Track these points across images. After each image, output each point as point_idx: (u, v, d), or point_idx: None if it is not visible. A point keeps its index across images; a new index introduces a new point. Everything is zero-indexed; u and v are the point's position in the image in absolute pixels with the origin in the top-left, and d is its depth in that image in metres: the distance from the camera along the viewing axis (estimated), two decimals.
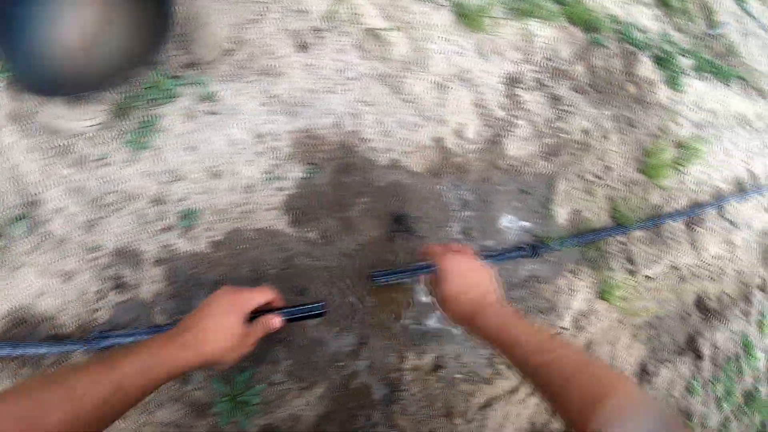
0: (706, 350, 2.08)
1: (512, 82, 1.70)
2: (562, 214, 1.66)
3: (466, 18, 1.65)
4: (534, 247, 1.50)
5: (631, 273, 1.83)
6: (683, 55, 2.24)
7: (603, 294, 1.68)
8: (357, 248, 1.36)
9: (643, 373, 1.88)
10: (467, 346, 1.42)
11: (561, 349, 0.79)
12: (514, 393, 1.52)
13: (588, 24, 1.95)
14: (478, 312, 0.90)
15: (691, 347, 2.09)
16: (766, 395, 2.57)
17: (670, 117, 2.02)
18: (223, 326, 0.85)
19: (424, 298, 1.42)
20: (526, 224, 1.58)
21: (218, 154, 1.37)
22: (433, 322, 1.41)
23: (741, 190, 2.34)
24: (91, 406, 0.63)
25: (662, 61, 2.06)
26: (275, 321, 0.97)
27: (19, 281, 1.26)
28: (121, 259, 1.31)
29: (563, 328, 1.60)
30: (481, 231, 1.48)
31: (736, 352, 2.36)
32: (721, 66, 2.44)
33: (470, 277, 0.98)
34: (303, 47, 1.51)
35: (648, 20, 2.34)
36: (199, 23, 1.49)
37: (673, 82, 2.07)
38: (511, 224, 1.54)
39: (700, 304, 2.19)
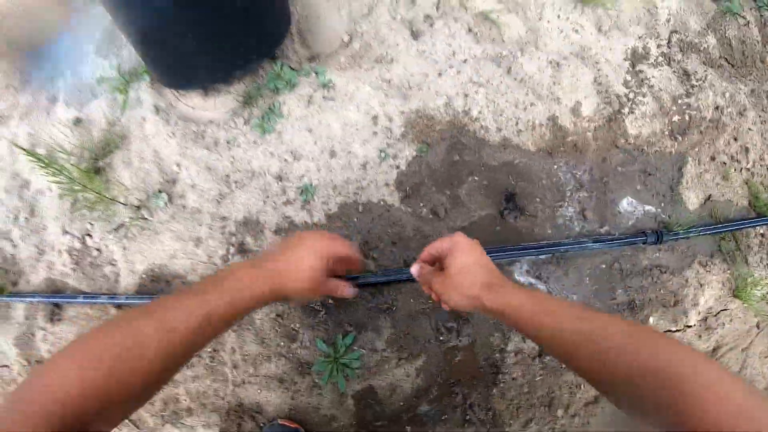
0: None
1: (636, 57, 1.55)
2: (691, 199, 1.47)
3: None
4: (658, 234, 1.34)
5: None
6: None
7: (738, 292, 1.46)
8: (467, 225, 1.31)
9: None
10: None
11: (600, 317, 0.67)
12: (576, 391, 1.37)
13: None
14: (495, 283, 0.81)
15: None
16: None
17: None
18: (306, 265, 0.84)
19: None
20: (650, 208, 1.42)
21: (335, 135, 1.39)
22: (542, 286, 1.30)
23: None
24: (184, 337, 0.65)
25: None
26: (347, 290, 0.98)
27: (157, 245, 1.36)
28: (245, 228, 1.37)
29: (687, 326, 1.41)
30: (597, 213, 1.36)
31: None
32: None
33: (475, 260, 0.88)
34: (415, 35, 1.49)
35: None
36: (316, 18, 1.53)
37: None
38: (632, 207, 1.39)
39: None
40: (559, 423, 1.41)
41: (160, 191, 1.46)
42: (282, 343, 1.35)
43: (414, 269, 0.97)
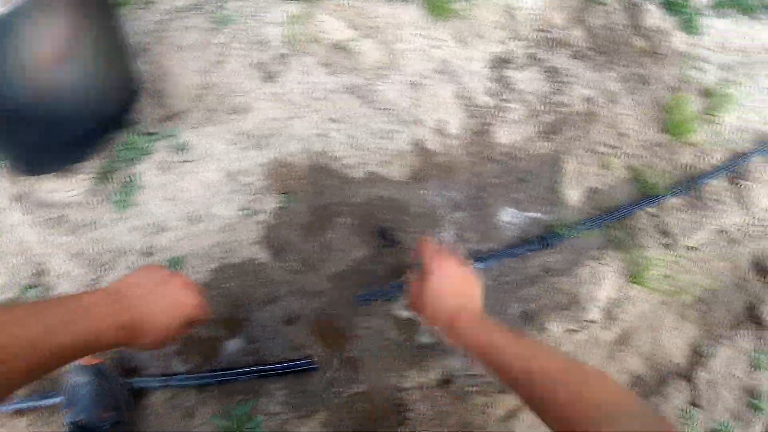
0: None
1: (500, 63, 1.48)
2: (574, 196, 1.42)
3: (437, 8, 1.47)
4: (544, 239, 1.27)
5: (669, 247, 1.54)
6: None
7: (635, 277, 1.41)
8: (344, 269, 1.22)
9: (696, 356, 1.57)
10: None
11: (543, 354, 0.74)
12: None
13: None
14: (460, 316, 0.83)
15: (752, 317, 1.73)
16: None
17: (691, 64, 1.69)
18: (166, 327, 0.75)
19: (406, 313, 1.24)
20: (533, 215, 1.37)
21: (196, 199, 1.30)
22: (426, 338, 1.23)
23: None
24: (20, 372, 0.54)
25: (672, 5, 1.73)
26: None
27: None
28: None
29: (590, 322, 1.35)
30: (477, 231, 1.29)
31: None
32: None
33: (457, 283, 0.90)
34: (269, 77, 1.40)
35: None
36: (167, 76, 1.42)
37: (689, 26, 1.73)
38: (513, 218, 1.33)
39: (759, 267, 1.82)
40: None
41: (30, 286, 1.33)
42: (180, 425, 1.25)
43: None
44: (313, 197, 1.28)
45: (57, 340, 0.57)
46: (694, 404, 1.60)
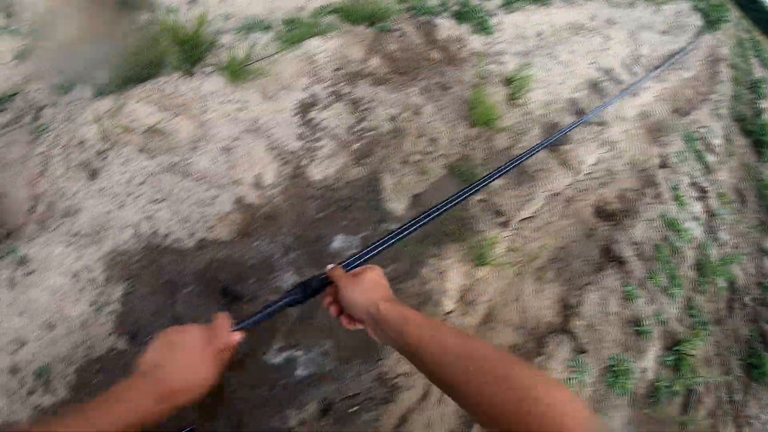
0: (627, 252, 1.90)
1: (305, 108, 1.59)
2: (400, 206, 1.55)
3: (236, 74, 1.56)
4: (304, 285, 1.31)
5: (505, 224, 1.68)
6: None
7: (480, 259, 1.54)
8: None
9: (567, 309, 1.72)
10: (347, 378, 1.32)
11: (446, 330, 0.71)
12: (426, 397, 1.42)
13: (372, 17, 1.80)
14: (393, 300, 0.82)
15: (609, 257, 1.90)
16: (717, 256, 2.34)
17: (489, 60, 1.86)
18: (201, 376, 0.74)
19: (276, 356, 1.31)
20: (364, 233, 1.46)
21: (47, 307, 1.34)
22: (300, 371, 1.31)
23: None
24: None
25: (461, 15, 1.89)
26: (234, 338, 0.87)
27: None
28: None
29: (449, 313, 1.47)
30: (314, 264, 1.38)
31: (662, 236, 2.16)
32: None
33: (367, 280, 0.87)
34: (93, 174, 1.46)
35: None
36: (0, 197, 1.45)
37: (482, 29, 1.91)
38: (345, 243, 1.43)
39: (602, 213, 2.01)
40: None
41: None
42: None
43: (330, 266, 0.94)
44: (154, 276, 1.36)
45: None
46: (579, 351, 1.70)
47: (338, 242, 1.49)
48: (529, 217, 1.83)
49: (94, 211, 1.42)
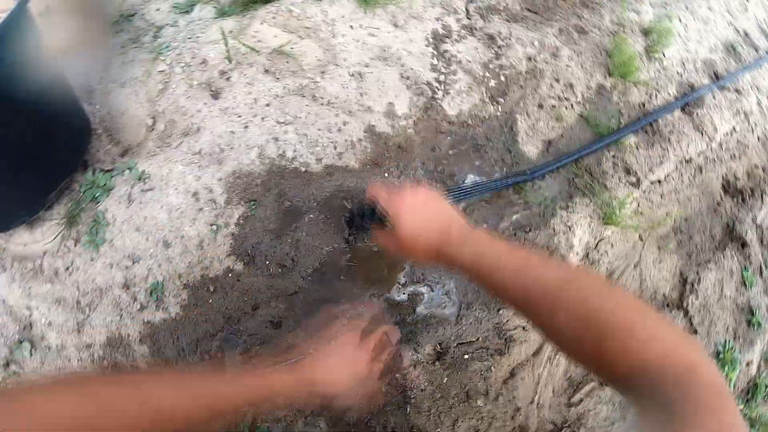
0: (750, 234, 1.62)
1: (438, 39, 1.39)
2: (533, 151, 1.33)
3: None
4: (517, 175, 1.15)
5: (635, 184, 1.43)
6: None
7: (608, 218, 1.29)
8: (319, 266, 1.10)
9: (685, 284, 1.45)
10: (466, 324, 1.11)
11: (544, 266, 0.55)
12: (538, 354, 1.20)
13: None
14: (444, 243, 0.65)
15: (732, 237, 1.62)
16: None
17: (626, 7, 1.57)
18: (354, 378, 0.71)
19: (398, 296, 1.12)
20: (497, 176, 1.24)
21: (164, 225, 1.20)
22: (421, 309, 1.11)
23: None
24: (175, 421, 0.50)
25: None
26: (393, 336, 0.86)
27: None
28: (111, 348, 1.19)
29: None
30: None
31: None
32: None
33: (425, 211, 0.69)
34: (215, 95, 1.29)
35: None
36: (118, 112, 1.31)
37: None
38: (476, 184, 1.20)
39: (729, 188, 1.71)
40: (485, 410, 1.23)
41: (20, 341, 1.23)
42: None
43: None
44: (277, 201, 1.18)
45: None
46: (691, 331, 1.49)
47: (470, 181, 1.26)
48: (659, 181, 1.56)
49: (216, 131, 1.25)
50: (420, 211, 0.68)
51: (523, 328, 1.22)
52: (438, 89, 1.31)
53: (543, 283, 0.53)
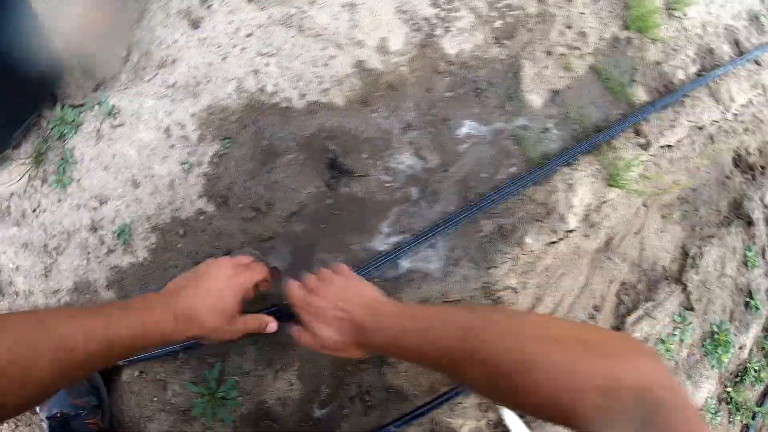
0: (757, 213, 1.50)
1: None
2: (537, 101, 1.19)
3: None
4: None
5: (644, 147, 1.31)
6: None
7: (613, 180, 1.17)
8: (296, 210, 0.99)
9: (686, 258, 1.34)
10: (452, 282, 1.00)
11: (444, 323, 0.56)
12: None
13: None
14: (360, 336, 0.66)
15: (738, 214, 1.50)
16: None
17: None
18: (219, 305, 0.70)
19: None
20: (497, 125, 1.11)
21: (133, 163, 1.09)
22: (404, 262, 1.00)
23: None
24: (80, 359, 0.53)
25: None
26: (272, 325, 0.82)
27: None
28: (79, 293, 1.08)
29: (569, 231, 1.11)
30: (434, 149, 1.04)
31: None
32: None
33: (335, 315, 0.69)
34: (195, 24, 1.17)
35: None
36: (91, 43, 1.18)
37: None
38: (475, 131, 1.08)
39: (740, 163, 1.58)
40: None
41: None
42: (156, 398, 1.05)
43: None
44: (254, 138, 1.06)
45: (114, 332, 0.56)
46: (688, 307, 1.38)
47: (467, 129, 1.14)
48: (669, 146, 1.42)
49: (193, 62, 1.13)
50: (331, 316, 0.68)
51: (514, 289, 1.10)
52: (437, 26, 1.17)
53: (444, 343, 0.53)
